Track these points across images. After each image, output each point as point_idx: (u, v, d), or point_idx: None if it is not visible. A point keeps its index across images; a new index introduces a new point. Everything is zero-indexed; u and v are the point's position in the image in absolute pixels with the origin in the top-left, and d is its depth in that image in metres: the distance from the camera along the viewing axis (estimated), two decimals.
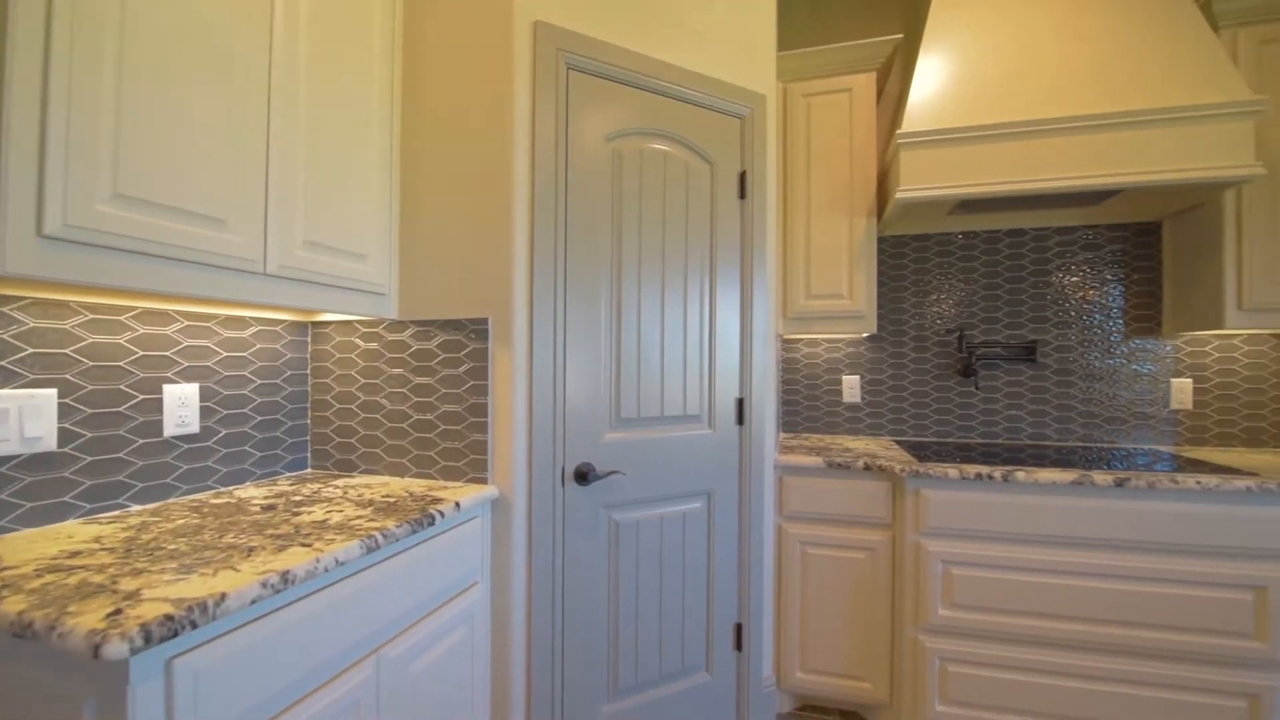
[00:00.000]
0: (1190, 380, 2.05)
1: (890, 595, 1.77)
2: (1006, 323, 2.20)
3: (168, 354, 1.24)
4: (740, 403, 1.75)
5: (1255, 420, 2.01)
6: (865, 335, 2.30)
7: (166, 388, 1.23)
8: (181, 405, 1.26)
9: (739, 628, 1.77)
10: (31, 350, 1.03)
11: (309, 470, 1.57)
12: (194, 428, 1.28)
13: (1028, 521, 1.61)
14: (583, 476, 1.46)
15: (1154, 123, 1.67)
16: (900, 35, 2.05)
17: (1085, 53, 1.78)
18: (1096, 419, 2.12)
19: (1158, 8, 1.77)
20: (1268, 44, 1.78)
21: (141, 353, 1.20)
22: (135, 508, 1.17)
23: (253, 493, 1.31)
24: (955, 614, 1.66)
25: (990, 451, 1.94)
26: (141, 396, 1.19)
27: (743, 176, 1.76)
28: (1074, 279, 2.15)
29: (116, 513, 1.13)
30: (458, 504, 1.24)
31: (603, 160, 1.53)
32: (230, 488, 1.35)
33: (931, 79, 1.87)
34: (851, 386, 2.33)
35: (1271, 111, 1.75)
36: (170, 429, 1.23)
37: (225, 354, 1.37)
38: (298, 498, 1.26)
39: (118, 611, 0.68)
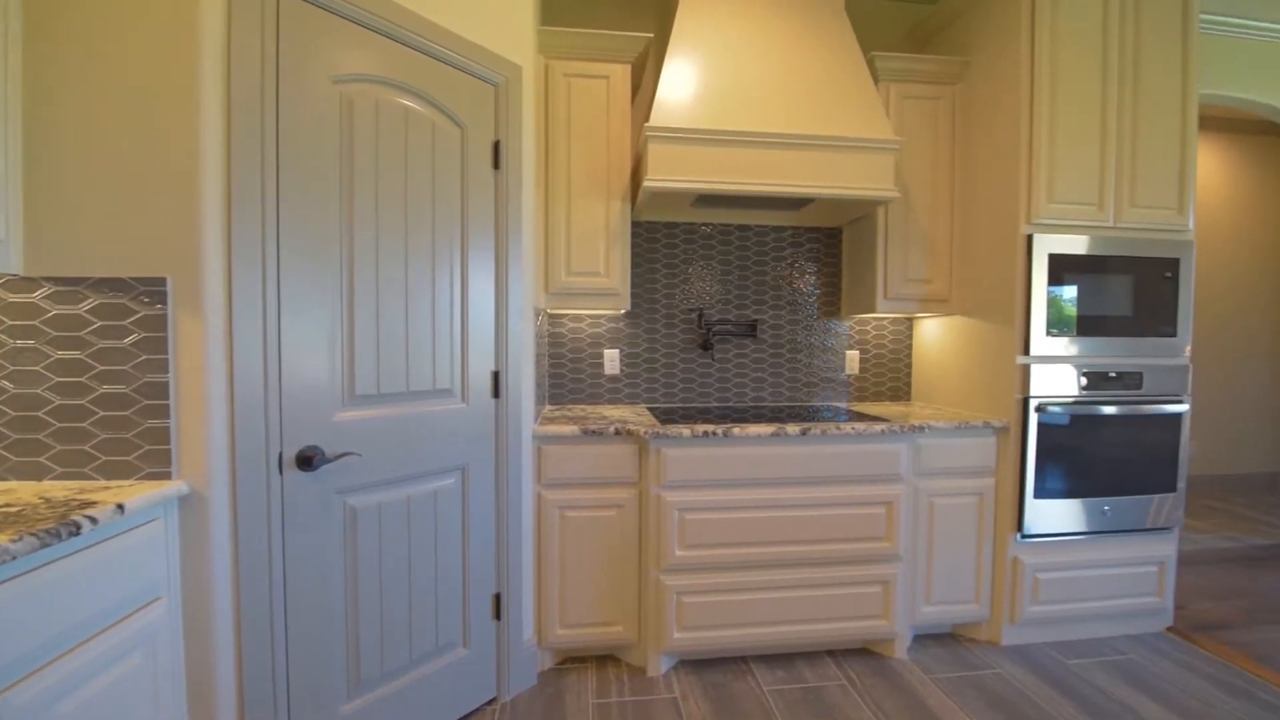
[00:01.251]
0: (858, 352, 2.66)
1: (638, 545, 1.96)
2: (736, 304, 2.58)
3: None
4: (496, 376, 1.74)
5: (896, 380, 2.70)
6: (622, 312, 2.47)
7: None
8: None
9: (498, 597, 1.79)
10: None
11: None
12: None
13: (742, 468, 1.93)
14: (307, 461, 1.30)
15: (837, 148, 2.08)
16: (651, 35, 2.21)
17: (793, 82, 2.13)
18: (799, 383, 2.63)
19: (842, 58, 2.20)
20: (908, 99, 2.35)
21: None
22: None
23: None
24: (688, 553, 1.91)
25: (724, 413, 2.26)
26: None
27: (497, 146, 1.73)
28: (784, 270, 2.60)
29: None
30: (120, 506, 1.01)
31: (328, 104, 1.36)
32: None
33: (677, 81, 2.05)
34: (612, 359, 2.50)
35: (903, 152, 2.32)
36: None
37: None
38: None
39: None
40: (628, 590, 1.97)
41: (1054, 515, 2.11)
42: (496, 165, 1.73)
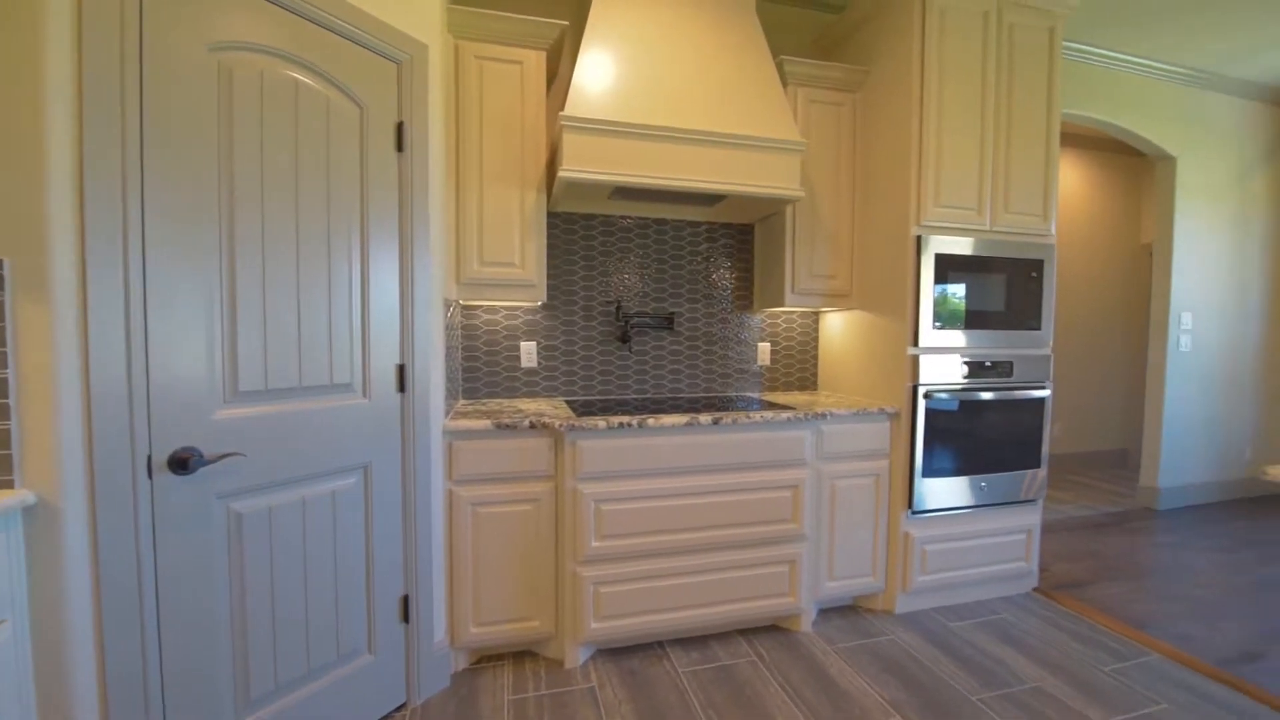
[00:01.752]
0: (769, 344, 2.77)
1: (554, 538, 1.96)
2: (654, 297, 2.61)
3: None
4: (401, 369, 1.67)
5: (804, 371, 2.84)
6: (539, 304, 2.44)
7: None
8: None
9: (406, 599, 1.72)
10: None
11: None
12: None
13: (657, 458, 1.96)
14: (182, 464, 1.19)
15: (749, 147, 2.15)
16: (567, 23, 2.18)
17: (707, 80, 2.18)
18: (715, 374, 2.71)
19: (753, 60, 2.27)
20: (814, 103, 2.47)
21: None
22: None
23: None
24: (605, 543, 1.93)
25: (642, 404, 2.29)
26: None
27: (400, 127, 1.65)
28: (700, 264, 2.67)
29: None
30: None
31: (203, 74, 1.24)
32: None
33: (592, 72, 2.04)
34: (529, 352, 2.46)
35: (808, 154, 2.44)
36: None
37: None
38: None
39: None
40: (545, 584, 1.96)
41: (940, 492, 2.31)
42: (400, 148, 1.65)
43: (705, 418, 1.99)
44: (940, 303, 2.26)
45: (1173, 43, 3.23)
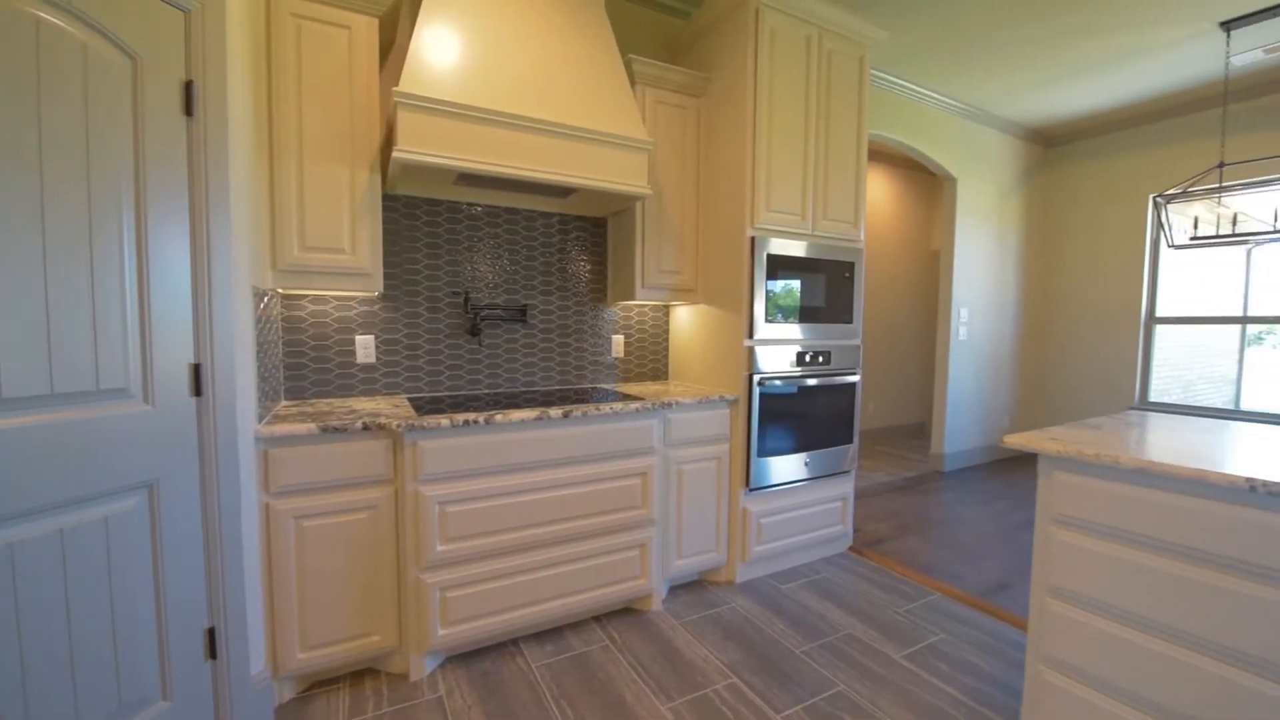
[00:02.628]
0: (623, 336, 2.85)
1: (395, 545, 1.84)
2: (506, 288, 2.55)
3: None
4: (197, 369, 1.45)
5: (656, 362, 2.96)
6: (377, 294, 2.26)
7: None
8: None
9: (211, 633, 1.51)
10: None
11: None
12: None
13: (507, 454, 1.93)
14: None
15: (598, 141, 2.17)
16: None
17: (556, 71, 2.15)
18: (570, 367, 2.72)
19: (602, 55, 2.29)
20: (661, 104, 2.56)
21: None
22: None
23: None
24: (451, 547, 1.86)
25: (495, 400, 2.22)
26: None
27: (189, 87, 1.41)
28: (554, 256, 2.65)
29: None
30: None
31: None
32: None
33: (433, 48, 1.92)
34: (366, 346, 2.27)
35: (656, 153, 2.53)
36: None
37: None
38: None
39: None
40: (385, 595, 1.83)
41: (772, 470, 2.56)
42: (189, 111, 1.41)
43: (556, 411, 1.99)
44: (772, 298, 2.49)
45: (956, 81, 3.84)
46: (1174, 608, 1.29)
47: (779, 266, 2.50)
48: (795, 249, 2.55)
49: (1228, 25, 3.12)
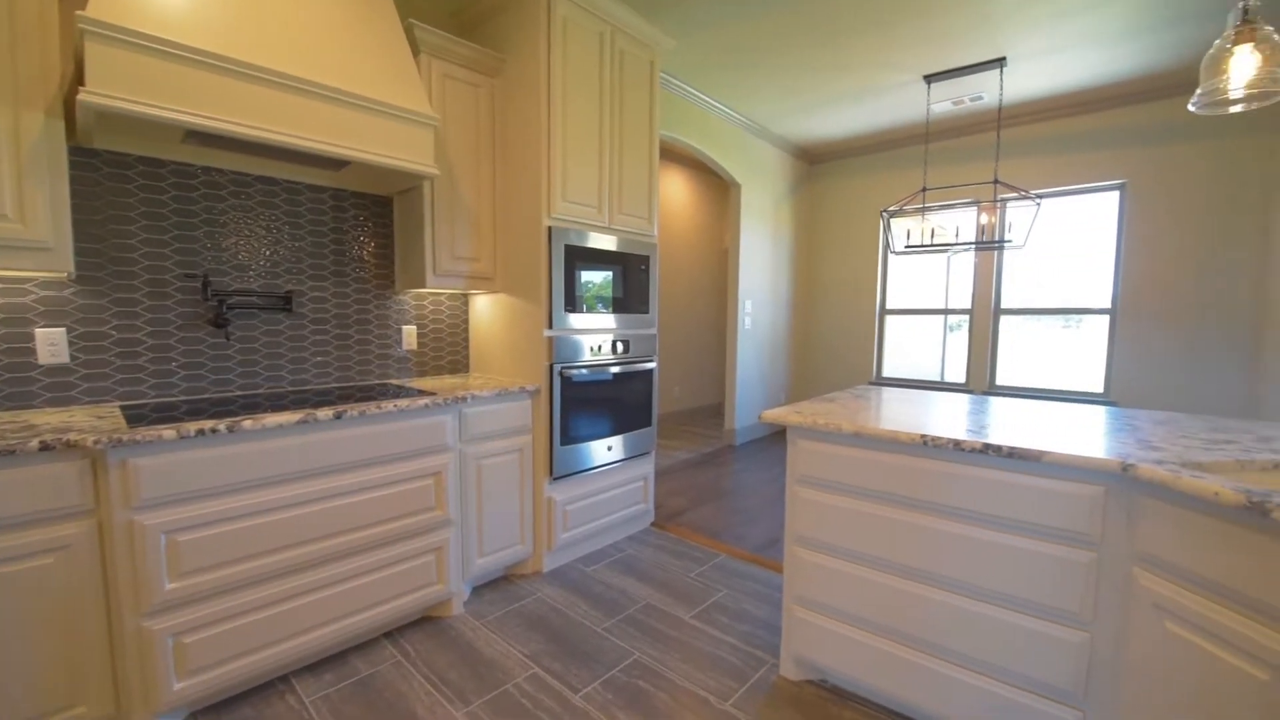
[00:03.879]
0: (415, 327, 2.64)
1: (103, 591, 1.47)
2: (265, 272, 2.18)
3: None
4: None
5: (455, 354, 2.81)
6: (67, 275, 1.77)
7: None
8: None
9: None
10: None
11: None
12: None
13: (261, 466, 1.66)
14: None
15: (374, 111, 1.95)
16: None
17: (318, 23, 1.88)
18: (351, 362, 2.44)
19: (376, 13, 2.05)
20: (450, 79, 2.40)
21: None
22: None
23: None
24: (186, 583, 1.54)
25: (250, 403, 1.89)
26: None
27: None
28: (327, 236, 2.34)
29: None
30: None
31: None
32: None
33: None
34: (52, 343, 1.76)
35: (446, 132, 2.38)
36: None
37: None
38: None
39: None
40: (92, 654, 1.46)
41: (575, 457, 2.61)
42: None
43: (326, 412, 1.77)
44: (571, 289, 2.51)
45: (738, 97, 4.27)
46: (880, 542, 1.60)
47: (577, 258, 2.53)
48: (593, 241, 2.60)
49: (929, 79, 3.95)
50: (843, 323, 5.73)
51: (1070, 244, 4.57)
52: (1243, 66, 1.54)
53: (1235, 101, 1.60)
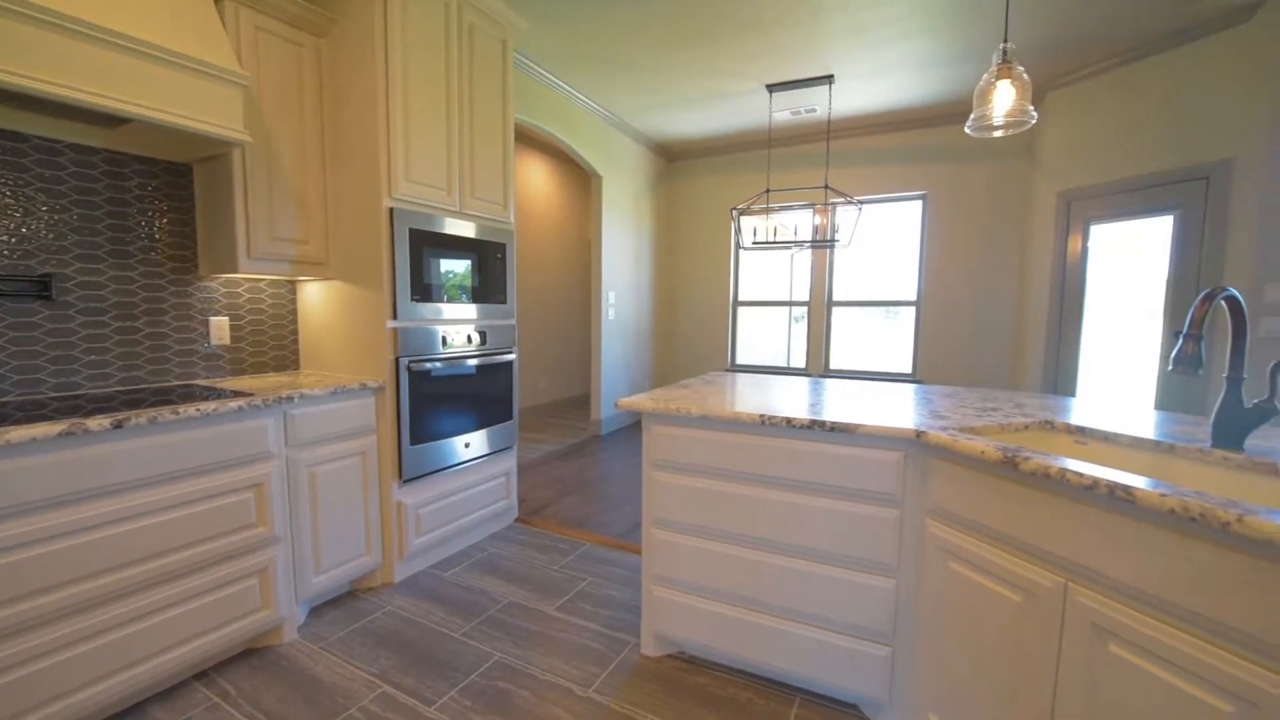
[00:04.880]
0: (227, 318, 2.29)
1: None
2: (8, 250, 1.74)
3: None
4: None
5: (282, 349, 2.48)
6: None
7: None
8: None
9: None
10: None
11: None
12: None
13: (7, 493, 1.32)
14: None
15: (163, 62, 1.64)
16: None
17: None
18: (140, 360, 2.05)
19: None
20: (265, 34, 2.09)
21: None
22: None
23: None
24: None
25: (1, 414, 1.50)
26: None
27: None
28: (101, 208, 1.93)
29: None
30: None
31: None
32: None
33: None
34: None
35: (262, 94, 2.08)
36: None
37: None
38: None
39: None
40: None
41: (429, 457, 2.45)
42: None
43: (100, 422, 1.46)
44: (418, 277, 2.34)
45: (597, 89, 4.27)
46: (727, 516, 1.71)
47: (425, 243, 2.36)
48: (443, 226, 2.44)
49: (771, 88, 4.26)
50: (700, 314, 6.04)
51: (890, 245, 5.25)
52: (1003, 99, 1.87)
53: (997, 127, 1.92)
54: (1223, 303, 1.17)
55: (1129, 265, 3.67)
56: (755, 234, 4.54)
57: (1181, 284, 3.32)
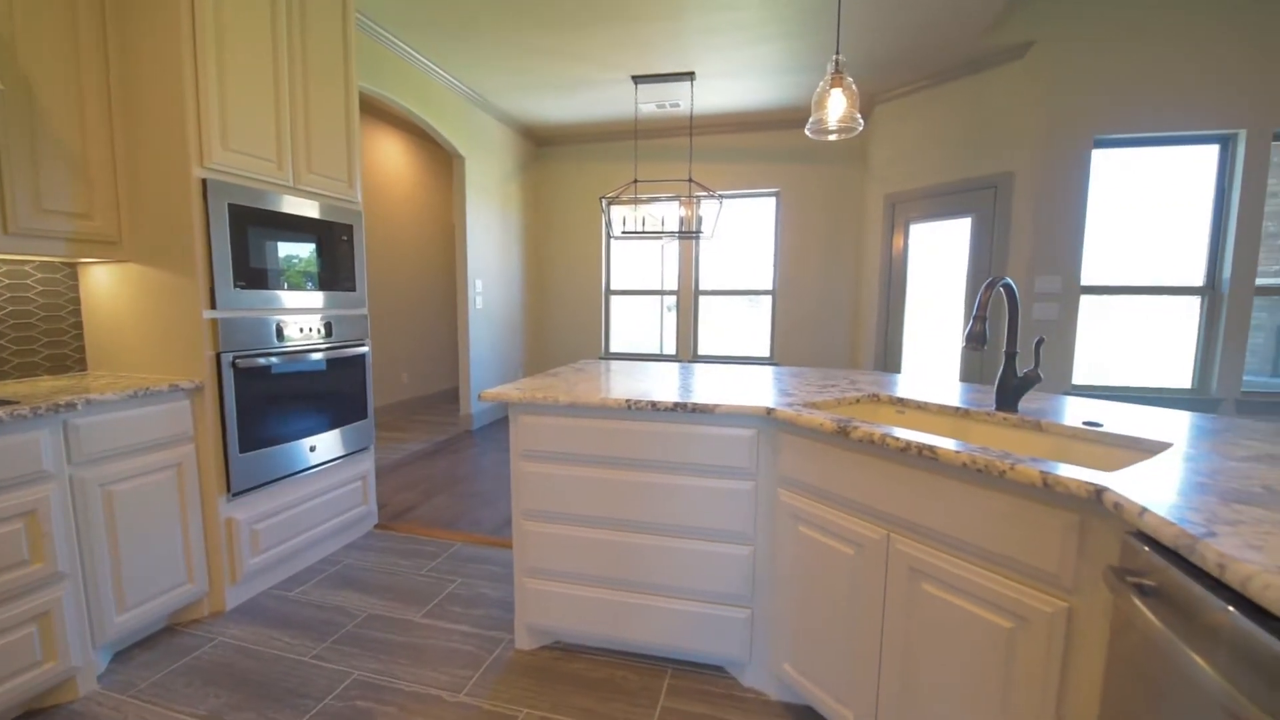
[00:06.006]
0: None
1: None
2: None
3: None
4: None
5: (58, 347, 2.04)
6: None
7: None
8: None
9: None
10: None
11: None
12: None
13: None
14: None
15: None
16: None
17: None
18: None
19: None
20: None
21: None
22: None
23: None
24: None
25: None
26: None
27: None
28: None
29: None
30: None
31: None
32: None
33: None
34: None
35: (13, 26, 1.67)
36: None
37: None
38: None
39: None
40: None
41: (264, 465, 2.17)
42: None
43: None
44: (242, 260, 2.04)
45: (456, 63, 4.02)
46: (596, 502, 1.72)
47: (251, 221, 2.06)
48: (273, 203, 2.16)
49: (637, 80, 4.31)
50: (573, 302, 6.01)
51: (750, 237, 5.61)
52: (835, 105, 2.06)
53: (831, 131, 2.12)
54: (1001, 290, 1.41)
55: (940, 259, 4.29)
56: (625, 223, 4.60)
57: (978, 275, 3.94)
